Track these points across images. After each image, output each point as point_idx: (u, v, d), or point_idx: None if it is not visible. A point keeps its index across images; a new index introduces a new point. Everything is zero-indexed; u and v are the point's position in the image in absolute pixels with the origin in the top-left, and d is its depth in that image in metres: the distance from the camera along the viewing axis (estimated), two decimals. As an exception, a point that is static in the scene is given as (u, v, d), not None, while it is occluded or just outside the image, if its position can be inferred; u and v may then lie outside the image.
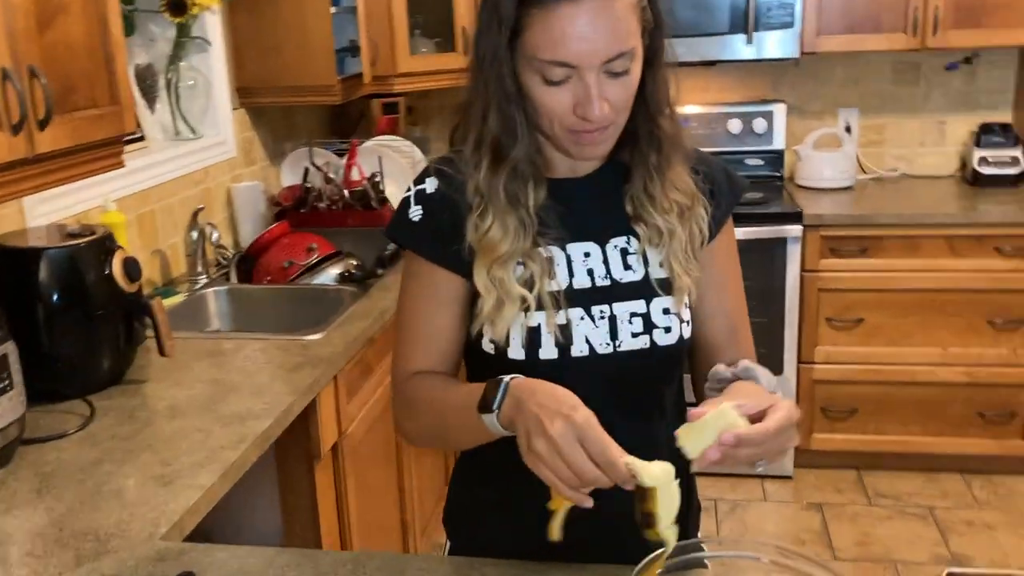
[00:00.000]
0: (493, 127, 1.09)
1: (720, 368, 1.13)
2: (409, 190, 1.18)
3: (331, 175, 2.71)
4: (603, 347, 1.13)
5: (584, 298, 1.13)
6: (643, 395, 1.18)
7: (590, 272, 1.14)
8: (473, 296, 1.15)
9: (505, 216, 1.10)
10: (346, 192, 2.68)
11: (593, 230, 1.16)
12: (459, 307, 1.17)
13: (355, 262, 2.52)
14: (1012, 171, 3.23)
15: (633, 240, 1.16)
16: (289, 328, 2.19)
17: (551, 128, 1.08)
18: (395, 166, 2.83)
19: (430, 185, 1.16)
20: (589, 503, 0.93)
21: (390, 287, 2.38)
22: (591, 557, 1.16)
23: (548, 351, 1.12)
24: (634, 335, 1.14)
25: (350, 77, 2.94)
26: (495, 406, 0.99)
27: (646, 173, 1.14)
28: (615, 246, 1.16)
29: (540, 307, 1.12)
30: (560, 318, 1.12)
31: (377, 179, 2.70)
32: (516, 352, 1.12)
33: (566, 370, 1.11)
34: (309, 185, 2.67)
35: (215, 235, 2.51)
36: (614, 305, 1.14)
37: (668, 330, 1.15)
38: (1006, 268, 2.99)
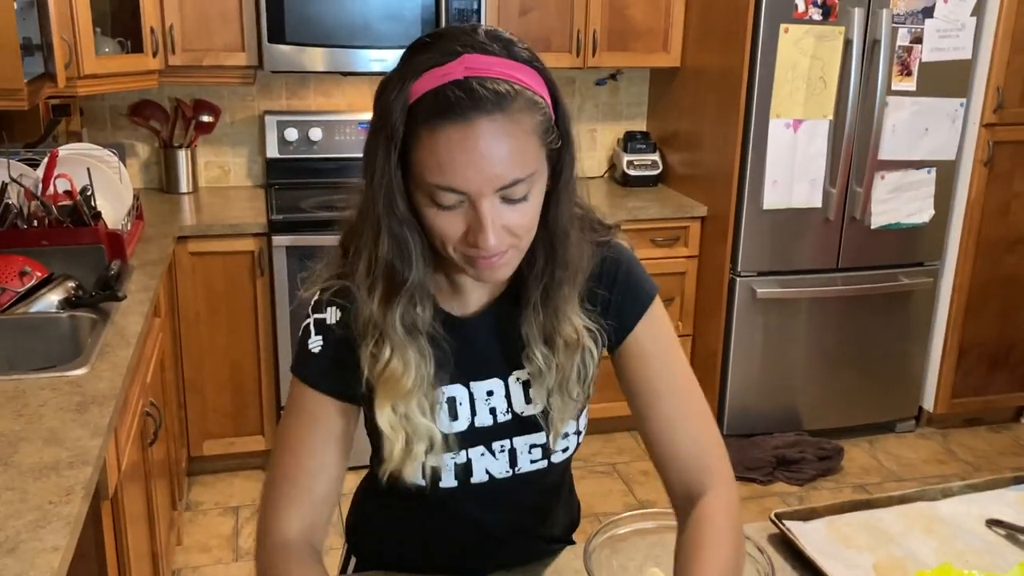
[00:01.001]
0: (385, 252, 1.00)
1: None
2: (308, 317, 1.11)
3: (32, 189, 2.45)
4: (502, 474, 1.17)
5: (485, 436, 1.15)
6: (538, 500, 1.29)
7: (492, 411, 1.15)
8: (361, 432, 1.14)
9: (405, 349, 1.04)
10: (53, 208, 2.45)
11: (496, 364, 1.15)
12: (345, 442, 1.12)
13: (74, 284, 2.33)
14: (653, 172, 3.82)
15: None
16: (18, 364, 2.02)
17: (445, 251, 1.01)
18: (103, 177, 2.64)
19: (331, 315, 1.09)
20: None
21: (132, 310, 2.25)
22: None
23: (448, 482, 1.15)
24: (533, 462, 1.18)
25: (32, 80, 2.67)
26: None
27: (535, 304, 1.09)
28: (517, 379, 1.15)
29: (441, 449, 1.11)
30: (460, 458, 1.14)
31: (89, 193, 2.50)
32: (418, 480, 1.14)
33: (465, 496, 1.17)
34: (9, 201, 2.40)
35: (-100, 263, 2.17)
36: (515, 439, 1.16)
37: (566, 449, 1.20)
38: (658, 256, 3.56)
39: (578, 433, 1.19)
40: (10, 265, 2.29)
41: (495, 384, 1.14)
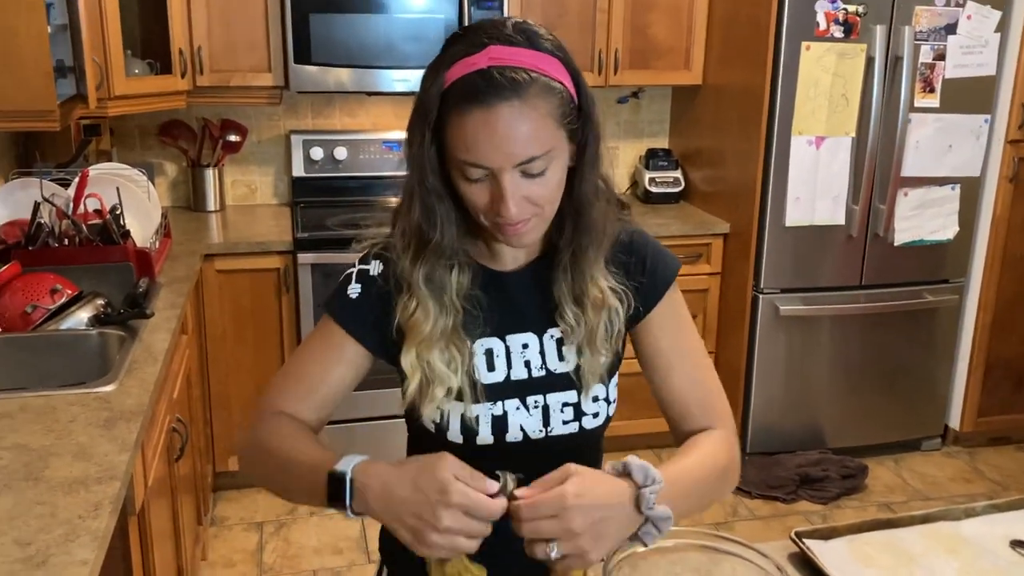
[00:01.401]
0: (416, 217, 1.14)
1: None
2: (353, 266, 1.22)
3: (63, 209, 2.50)
4: (536, 433, 1.22)
5: (520, 389, 1.21)
6: None
7: (527, 364, 1.22)
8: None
9: (427, 302, 1.16)
10: (84, 227, 2.49)
11: (531, 320, 1.23)
12: (352, 375, 1.22)
13: (103, 302, 2.37)
14: (675, 190, 3.83)
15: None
16: (49, 380, 2.06)
17: (478, 219, 1.13)
18: (132, 196, 2.69)
19: (374, 268, 1.21)
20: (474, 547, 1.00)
21: (159, 327, 2.29)
22: None
23: (484, 438, 1.21)
24: (565, 422, 1.23)
25: (65, 101, 2.73)
26: (347, 504, 1.02)
27: (564, 267, 1.19)
28: (551, 336, 1.23)
29: (478, 399, 1.19)
30: (497, 409, 1.20)
31: (118, 211, 2.55)
32: (455, 436, 1.20)
33: (500, 454, 1.20)
34: (41, 220, 2.45)
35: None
36: (548, 396, 1.22)
37: (596, 415, 1.24)
38: (682, 272, 3.51)
39: (608, 402, 1.25)
40: (42, 283, 2.33)
41: (530, 338, 1.23)
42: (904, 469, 3.67)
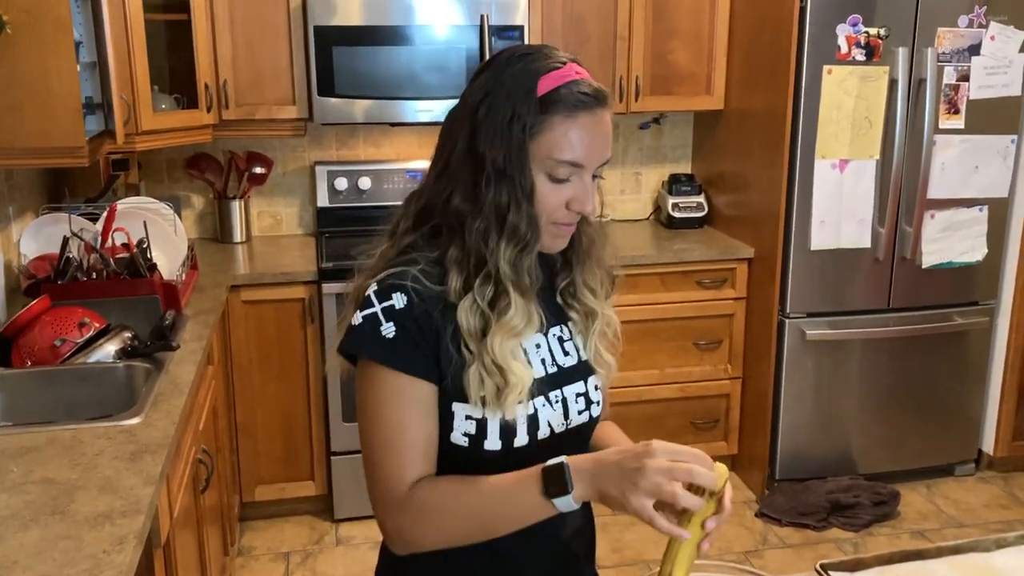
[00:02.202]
0: (521, 222, 1.18)
1: None
2: (372, 306, 1.20)
3: (91, 243, 2.54)
4: (559, 427, 1.27)
5: (543, 386, 1.26)
6: None
7: (543, 361, 1.27)
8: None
9: (526, 299, 1.21)
10: (111, 260, 2.53)
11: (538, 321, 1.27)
12: (436, 412, 1.22)
13: (130, 335, 2.40)
14: (698, 215, 3.82)
15: (565, 328, 1.31)
16: (76, 413, 2.08)
17: (541, 222, 1.20)
18: (158, 229, 2.72)
19: (398, 301, 1.19)
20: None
21: (185, 359, 2.31)
22: None
23: (521, 439, 1.23)
24: (579, 412, 1.30)
25: (93, 137, 2.78)
26: (569, 488, 1.10)
27: (577, 261, 1.30)
28: (553, 335, 1.30)
29: (533, 395, 1.23)
30: (529, 408, 1.24)
31: (145, 245, 2.58)
32: (493, 443, 1.21)
33: (533, 454, 1.22)
34: (70, 255, 2.49)
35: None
36: (564, 389, 1.28)
37: (599, 403, 1.33)
38: (705, 298, 3.54)
39: (604, 392, 1.36)
40: (70, 316, 2.37)
41: (539, 338, 1.29)
42: (937, 495, 3.61)
